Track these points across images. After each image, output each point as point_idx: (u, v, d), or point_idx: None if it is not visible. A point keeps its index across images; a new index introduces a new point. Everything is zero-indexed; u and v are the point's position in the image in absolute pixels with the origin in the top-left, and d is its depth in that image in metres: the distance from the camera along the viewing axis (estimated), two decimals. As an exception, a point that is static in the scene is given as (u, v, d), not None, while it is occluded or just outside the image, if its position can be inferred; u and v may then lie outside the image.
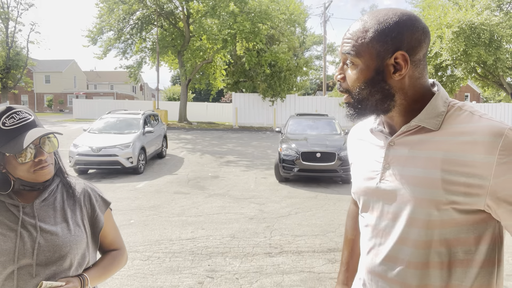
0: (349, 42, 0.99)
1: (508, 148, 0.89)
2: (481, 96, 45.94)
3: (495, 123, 0.93)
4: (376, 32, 0.96)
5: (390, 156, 1.04)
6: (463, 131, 0.94)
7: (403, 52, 0.96)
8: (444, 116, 0.99)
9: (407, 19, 0.97)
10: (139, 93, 56.33)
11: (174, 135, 18.72)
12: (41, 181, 1.28)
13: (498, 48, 21.12)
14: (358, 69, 0.99)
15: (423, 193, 0.96)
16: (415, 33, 0.96)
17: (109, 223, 1.48)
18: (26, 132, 1.23)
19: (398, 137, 1.03)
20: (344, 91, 1.03)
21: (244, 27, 20.05)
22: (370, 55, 0.97)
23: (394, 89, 0.99)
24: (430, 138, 0.98)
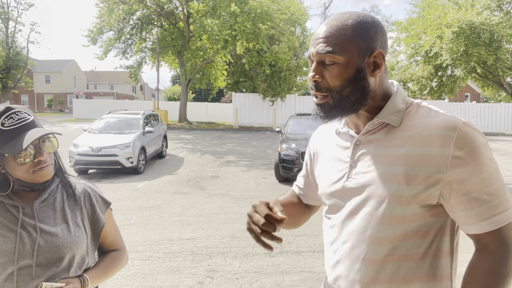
0: (329, 41, 0.98)
1: (462, 141, 0.92)
2: (481, 96, 45.94)
3: (450, 117, 0.97)
4: (358, 29, 0.98)
5: (356, 155, 1.06)
6: (421, 126, 0.98)
7: (381, 50, 0.99)
8: (403, 113, 1.02)
9: (378, 21, 1.02)
10: (139, 93, 56.33)
11: (174, 135, 18.72)
12: (40, 181, 1.27)
13: (498, 48, 21.12)
14: (341, 66, 0.98)
15: (387, 189, 0.98)
16: (384, 34, 1.02)
17: (110, 223, 1.47)
18: (25, 132, 1.22)
19: (364, 135, 1.05)
20: (325, 90, 1.01)
21: (245, 28, 20.05)
22: (352, 52, 0.98)
23: (370, 88, 1.02)
24: (393, 135, 1.01)
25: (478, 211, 0.93)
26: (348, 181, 1.06)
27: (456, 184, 0.93)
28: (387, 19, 36.56)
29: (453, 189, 0.93)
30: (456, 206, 0.94)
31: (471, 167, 0.92)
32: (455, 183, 0.93)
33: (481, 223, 0.93)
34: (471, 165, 0.92)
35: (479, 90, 40.69)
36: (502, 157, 13.08)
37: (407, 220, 0.97)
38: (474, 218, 0.93)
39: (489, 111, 24.81)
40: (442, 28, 21.09)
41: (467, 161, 0.92)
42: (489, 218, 0.92)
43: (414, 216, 0.97)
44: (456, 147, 0.92)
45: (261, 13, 20.71)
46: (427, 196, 0.95)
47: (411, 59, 26.12)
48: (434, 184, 0.94)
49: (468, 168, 0.92)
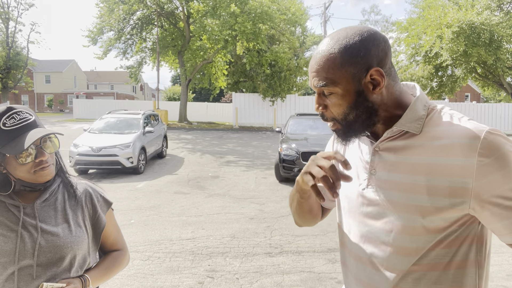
0: (320, 74, 0.98)
1: (487, 150, 0.89)
2: (481, 96, 45.94)
3: (473, 125, 0.94)
4: (345, 55, 0.95)
5: (375, 162, 1.04)
6: (443, 134, 0.95)
7: (377, 68, 0.96)
8: (424, 120, 0.99)
9: (368, 35, 0.97)
10: (139, 93, 56.34)
11: (174, 135, 18.72)
12: (41, 181, 1.27)
13: (498, 48, 21.12)
14: (339, 96, 0.98)
15: (408, 199, 0.95)
16: (379, 45, 0.97)
17: (111, 223, 1.47)
18: (27, 132, 1.22)
19: (383, 142, 1.03)
20: (331, 119, 1.02)
21: (245, 28, 20.05)
22: (346, 80, 0.96)
23: (377, 104, 1.00)
24: (413, 143, 0.98)
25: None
26: (368, 188, 1.05)
27: (485, 194, 0.90)
28: (387, 19, 36.59)
29: (484, 200, 0.90)
30: (490, 217, 0.91)
31: (501, 175, 0.88)
32: (484, 193, 0.90)
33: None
34: (500, 174, 0.88)
35: (479, 90, 40.69)
36: (502, 157, 13.09)
37: (431, 231, 0.95)
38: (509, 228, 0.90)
39: (489, 111, 24.80)
40: (442, 28, 21.09)
41: (495, 170, 0.88)
42: None
43: (437, 227, 0.95)
44: (481, 156, 0.89)
45: (261, 13, 20.71)
46: (451, 207, 0.92)
47: (411, 59, 26.12)
48: (460, 196, 0.91)
49: (497, 177, 0.89)
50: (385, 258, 1.01)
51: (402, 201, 0.97)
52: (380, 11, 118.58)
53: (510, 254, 4.67)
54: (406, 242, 0.97)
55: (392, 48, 21.96)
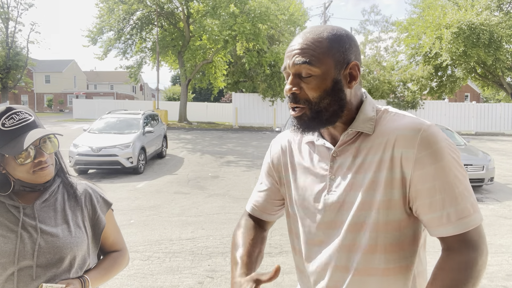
0: (305, 53, 0.97)
1: (426, 142, 0.93)
2: (481, 96, 45.94)
3: (416, 119, 0.98)
4: (333, 41, 0.98)
5: (334, 167, 1.05)
6: (390, 130, 0.99)
7: (356, 62, 1.00)
8: (375, 120, 1.03)
9: (351, 34, 1.03)
10: (139, 93, 56.31)
11: (174, 135, 18.72)
12: (41, 182, 1.27)
13: (497, 48, 21.12)
14: (318, 79, 0.98)
15: (365, 197, 0.98)
16: (358, 47, 1.04)
17: (111, 224, 1.47)
18: (26, 133, 1.22)
19: (341, 147, 1.05)
20: (304, 102, 1.00)
21: (245, 28, 20.05)
22: (329, 64, 0.98)
23: (346, 99, 1.02)
24: (367, 144, 1.01)
25: (442, 214, 0.92)
26: (330, 194, 1.04)
27: (420, 185, 0.93)
28: (387, 19, 36.57)
29: (417, 190, 0.94)
30: (421, 208, 0.94)
31: (434, 168, 0.92)
32: (419, 184, 0.93)
33: (446, 227, 0.92)
34: (434, 167, 0.92)
35: (479, 90, 40.69)
36: (502, 157, 13.08)
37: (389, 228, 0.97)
38: (438, 221, 0.93)
39: (489, 111, 24.80)
40: (442, 29, 21.09)
41: (430, 163, 0.92)
42: (454, 221, 0.91)
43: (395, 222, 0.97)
44: (420, 148, 0.93)
45: (260, 14, 20.71)
46: (403, 199, 0.96)
47: (411, 59, 26.12)
48: (404, 187, 0.95)
49: (431, 169, 0.92)
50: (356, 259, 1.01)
51: (364, 200, 0.98)
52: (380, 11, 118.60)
53: (510, 254, 4.67)
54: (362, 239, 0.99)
55: (392, 48, 21.70)
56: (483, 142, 17.32)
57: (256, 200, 1.25)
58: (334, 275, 1.03)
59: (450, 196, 0.92)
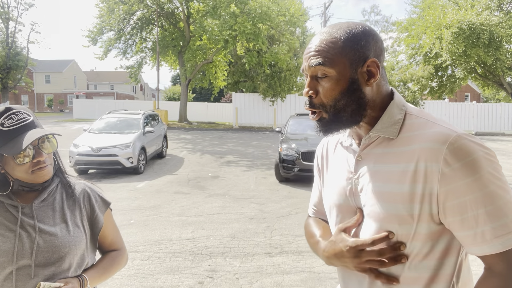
0: (319, 54, 0.98)
1: (452, 156, 0.87)
2: (481, 96, 45.93)
3: (443, 129, 0.92)
4: (347, 40, 0.96)
5: (358, 171, 1.03)
6: (416, 139, 0.94)
7: (374, 59, 0.97)
8: (401, 124, 0.99)
9: (369, 29, 0.99)
10: (139, 93, 56.34)
11: (174, 135, 18.72)
12: (39, 182, 1.27)
13: (497, 48, 21.12)
14: (333, 80, 0.97)
15: (386, 208, 0.95)
16: (378, 42, 1.00)
17: (109, 223, 1.47)
18: (25, 133, 1.22)
19: (364, 150, 1.03)
20: (318, 106, 1.01)
21: (245, 28, 20.05)
22: (343, 64, 0.96)
23: (367, 98, 0.99)
24: (390, 150, 0.98)
25: (476, 232, 0.87)
26: (355, 198, 1.04)
27: (450, 202, 0.88)
28: (387, 19, 36.57)
29: (447, 207, 0.89)
30: (453, 225, 0.90)
31: (466, 183, 0.86)
32: (448, 201, 0.88)
33: (481, 246, 0.87)
34: (465, 181, 0.86)
35: (479, 90, 40.68)
36: (502, 157, 13.09)
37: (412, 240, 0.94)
38: (472, 240, 0.88)
39: (489, 111, 24.80)
40: (442, 29, 21.09)
41: (460, 177, 0.86)
42: (490, 240, 0.86)
43: (418, 236, 0.93)
44: (446, 162, 0.87)
45: (261, 14, 20.71)
46: (426, 215, 0.91)
47: (411, 59, 26.12)
48: (429, 202, 0.90)
49: (462, 184, 0.86)
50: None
51: (381, 210, 0.96)
52: (380, 12, 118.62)
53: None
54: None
55: (392, 48, 21.74)
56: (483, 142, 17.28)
57: (313, 203, 1.30)
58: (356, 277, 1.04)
59: (485, 213, 0.85)
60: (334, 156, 1.16)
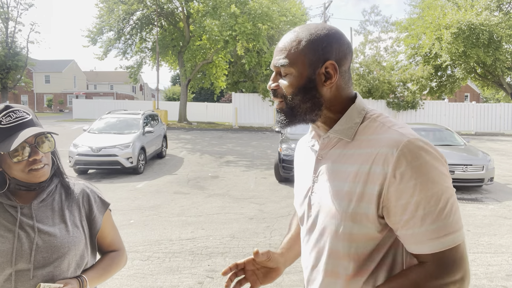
0: (283, 53, 1.03)
1: (402, 159, 0.91)
2: (481, 96, 45.95)
3: (396, 134, 0.95)
4: (309, 42, 1.01)
5: (318, 170, 1.09)
6: (371, 143, 0.98)
7: (333, 61, 1.01)
8: (358, 127, 1.03)
9: (335, 33, 1.03)
10: (139, 93, 56.32)
11: (174, 135, 18.71)
12: (36, 181, 1.27)
13: (497, 48, 21.13)
14: (292, 76, 1.02)
15: (339, 205, 1.00)
16: (342, 46, 1.03)
17: (108, 224, 1.47)
18: (21, 130, 1.22)
19: (324, 150, 1.08)
20: (280, 96, 1.06)
21: (246, 28, 20.05)
22: (302, 64, 1.01)
23: (323, 98, 1.03)
24: (347, 151, 1.02)
25: (418, 232, 0.91)
26: (312, 195, 1.09)
27: (395, 202, 0.92)
28: (387, 19, 36.57)
29: (391, 207, 0.93)
30: (395, 224, 0.94)
31: (411, 185, 0.90)
32: (394, 201, 0.92)
33: (419, 245, 0.92)
34: (410, 184, 0.90)
35: (479, 90, 40.70)
36: (502, 157, 13.08)
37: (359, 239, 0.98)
38: (412, 239, 0.92)
39: (489, 111, 24.79)
40: (441, 29, 21.10)
41: (407, 180, 0.90)
42: (429, 240, 0.90)
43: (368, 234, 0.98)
44: (395, 165, 0.91)
45: (261, 14, 20.72)
46: (375, 214, 0.95)
47: (410, 59, 26.13)
48: (375, 203, 0.94)
49: (407, 186, 0.90)
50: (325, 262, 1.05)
51: (334, 208, 1.01)
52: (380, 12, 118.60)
53: (510, 254, 4.67)
54: (336, 247, 1.02)
55: (391, 48, 21.67)
56: (483, 142, 17.30)
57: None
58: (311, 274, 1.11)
59: (426, 214, 0.90)
60: (301, 157, 1.24)
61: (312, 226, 1.09)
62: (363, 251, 0.99)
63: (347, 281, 1.02)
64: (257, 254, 1.17)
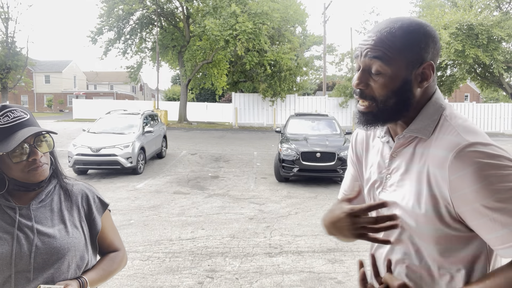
0: (378, 47, 0.96)
1: (457, 164, 0.88)
2: (481, 96, 45.95)
3: (456, 138, 0.92)
4: (408, 41, 0.95)
5: (391, 167, 1.06)
6: (441, 144, 0.95)
7: (431, 62, 0.97)
8: (435, 125, 0.99)
9: (431, 30, 0.98)
10: (139, 93, 56.29)
11: (174, 135, 18.70)
12: (35, 181, 1.26)
13: (495, 49, 21.14)
14: (387, 77, 0.96)
15: (411, 206, 0.97)
16: (437, 43, 0.99)
17: (108, 224, 1.46)
18: (20, 130, 1.21)
19: (398, 149, 1.05)
20: (370, 98, 1.00)
21: (246, 27, 20.04)
22: (400, 65, 0.96)
23: (415, 99, 1.00)
24: (420, 150, 0.99)
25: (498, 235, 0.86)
26: (383, 191, 1.07)
27: (463, 207, 0.88)
28: (387, 19, 36.46)
29: (462, 212, 0.89)
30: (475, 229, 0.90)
31: (472, 191, 0.86)
32: (461, 207, 0.89)
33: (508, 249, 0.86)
34: (470, 189, 0.86)
35: (479, 90, 40.68)
36: (502, 157, 13.07)
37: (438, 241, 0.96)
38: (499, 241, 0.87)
39: (489, 111, 24.80)
40: (440, 30, 21.09)
41: (466, 185, 0.86)
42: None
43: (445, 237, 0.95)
44: (451, 170, 0.88)
45: (261, 13, 20.71)
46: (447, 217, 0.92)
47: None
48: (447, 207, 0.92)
49: (470, 191, 0.86)
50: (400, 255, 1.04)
51: (409, 208, 0.98)
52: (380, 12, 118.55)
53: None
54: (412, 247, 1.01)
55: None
56: (483, 142, 17.25)
57: (344, 188, 1.33)
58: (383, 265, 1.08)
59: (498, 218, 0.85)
60: (371, 148, 1.18)
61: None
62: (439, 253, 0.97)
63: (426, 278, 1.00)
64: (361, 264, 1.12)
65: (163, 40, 24.30)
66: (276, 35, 24.05)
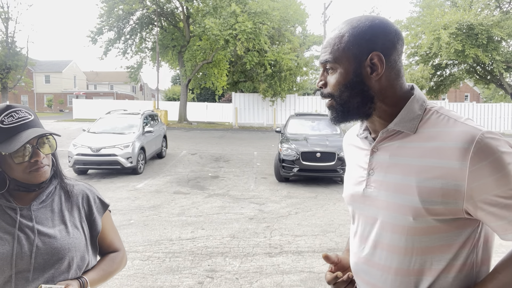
0: (327, 50, 1.03)
1: (479, 154, 0.89)
2: (481, 96, 45.95)
3: (469, 128, 0.93)
4: (351, 36, 1.00)
5: (373, 163, 1.06)
6: (438, 136, 0.95)
7: (378, 52, 0.98)
8: (420, 120, 1.00)
9: (379, 23, 1.00)
10: (139, 93, 56.29)
11: (174, 135, 18.70)
12: (36, 182, 1.26)
13: (495, 49, 21.14)
14: (337, 73, 1.02)
15: (401, 199, 0.97)
16: (388, 35, 1.00)
17: (108, 224, 1.46)
18: (24, 131, 1.21)
19: (380, 143, 1.05)
20: (327, 95, 1.06)
21: (246, 27, 20.05)
22: (347, 59, 1.00)
23: (373, 91, 1.01)
24: (408, 144, 1.00)
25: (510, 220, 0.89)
26: (367, 188, 1.07)
27: (478, 197, 0.90)
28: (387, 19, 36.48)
29: (477, 201, 0.90)
30: (486, 217, 0.92)
31: (493, 180, 0.88)
32: (477, 196, 0.90)
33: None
34: (492, 178, 0.88)
35: (479, 90, 40.69)
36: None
37: (425, 233, 0.96)
38: (506, 227, 0.91)
39: (489, 111, 24.80)
40: (440, 30, 21.10)
41: (487, 174, 0.88)
42: None
43: (431, 229, 0.96)
44: (474, 160, 0.89)
45: (261, 12, 20.72)
46: (444, 209, 0.93)
47: (410, 59, 26.13)
48: (452, 197, 0.92)
49: (489, 181, 0.88)
50: (381, 256, 1.03)
51: (395, 201, 0.98)
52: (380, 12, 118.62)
53: (510, 254, 4.67)
54: (398, 241, 0.99)
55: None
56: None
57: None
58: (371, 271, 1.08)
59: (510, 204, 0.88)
60: (352, 147, 1.21)
61: (370, 219, 1.06)
62: (426, 245, 0.97)
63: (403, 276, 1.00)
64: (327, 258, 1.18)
65: (163, 40, 24.30)
66: (276, 35, 24.04)
